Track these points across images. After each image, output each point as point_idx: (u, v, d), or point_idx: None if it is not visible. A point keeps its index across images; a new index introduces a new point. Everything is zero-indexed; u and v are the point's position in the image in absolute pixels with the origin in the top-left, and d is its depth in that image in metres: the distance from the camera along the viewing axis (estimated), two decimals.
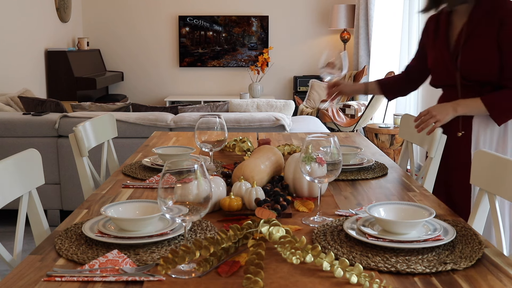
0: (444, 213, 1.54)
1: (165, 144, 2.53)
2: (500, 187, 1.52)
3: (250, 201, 1.51)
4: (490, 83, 1.99)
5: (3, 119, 3.70)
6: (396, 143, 4.92)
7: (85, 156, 2.18)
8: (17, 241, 1.48)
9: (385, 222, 1.30)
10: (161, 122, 3.73)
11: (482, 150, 1.64)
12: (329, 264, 1.12)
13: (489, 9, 1.99)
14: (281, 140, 2.65)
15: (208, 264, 1.13)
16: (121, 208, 1.39)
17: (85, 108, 4.05)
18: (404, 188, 1.82)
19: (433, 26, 2.19)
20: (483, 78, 1.99)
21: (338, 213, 1.53)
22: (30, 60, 5.65)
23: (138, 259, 1.20)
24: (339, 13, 6.80)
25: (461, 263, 1.16)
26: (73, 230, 1.37)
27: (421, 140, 2.17)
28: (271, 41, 7.25)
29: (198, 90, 7.42)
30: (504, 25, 1.95)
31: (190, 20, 7.21)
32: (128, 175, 1.95)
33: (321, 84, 6.53)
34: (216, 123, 1.94)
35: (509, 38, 1.94)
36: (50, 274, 1.12)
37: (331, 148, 1.42)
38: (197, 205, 1.14)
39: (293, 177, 1.66)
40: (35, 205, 1.60)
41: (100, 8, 7.24)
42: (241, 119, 3.72)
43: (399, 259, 1.19)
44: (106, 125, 2.47)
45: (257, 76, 7.18)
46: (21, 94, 4.45)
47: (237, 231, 1.22)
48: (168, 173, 1.13)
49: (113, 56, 7.33)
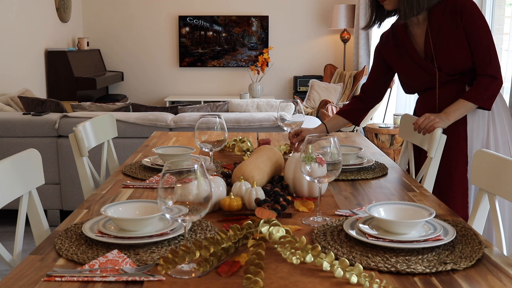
0: (444, 213, 1.54)
1: (165, 144, 2.53)
2: (500, 187, 1.52)
3: (250, 201, 1.51)
4: (471, 70, 2.09)
5: (3, 119, 3.70)
6: (396, 143, 4.92)
7: (85, 156, 2.18)
8: (17, 241, 1.48)
9: (385, 222, 1.30)
10: (161, 122, 3.73)
11: (482, 150, 1.64)
12: (329, 264, 1.12)
13: (446, 8, 2.06)
14: (281, 140, 2.65)
15: (208, 264, 1.13)
16: (121, 208, 1.39)
17: (85, 108, 4.05)
18: (404, 188, 1.82)
19: (391, 41, 2.23)
20: (463, 69, 2.08)
21: (338, 213, 1.53)
22: (30, 60, 5.65)
23: (138, 259, 1.19)
24: (339, 13, 6.80)
25: (461, 263, 1.16)
26: (73, 230, 1.37)
27: (421, 140, 2.17)
28: (271, 41, 7.25)
29: (198, 90, 7.42)
30: (463, 16, 2.03)
31: (190, 20, 7.21)
32: (128, 175, 1.95)
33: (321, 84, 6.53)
34: (216, 123, 1.94)
35: (470, 26, 2.03)
36: (50, 274, 1.12)
37: (331, 148, 1.42)
38: (197, 205, 1.14)
39: (293, 177, 1.66)
40: (35, 205, 1.60)
41: (100, 8, 7.24)
42: (241, 119, 3.72)
43: (399, 259, 1.19)
44: (106, 125, 2.47)
45: (257, 76, 7.18)
46: (21, 94, 4.45)
47: (237, 231, 1.22)
48: (168, 173, 1.13)
49: (113, 56, 7.33)
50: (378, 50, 2.30)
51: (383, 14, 2.19)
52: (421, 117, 2.06)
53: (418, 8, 2.04)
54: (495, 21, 4.54)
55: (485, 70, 2.04)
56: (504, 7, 4.51)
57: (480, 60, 2.05)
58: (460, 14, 2.03)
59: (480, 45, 2.04)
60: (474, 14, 2.03)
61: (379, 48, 2.29)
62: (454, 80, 2.11)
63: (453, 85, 2.12)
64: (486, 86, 2.04)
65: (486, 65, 2.04)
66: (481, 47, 2.04)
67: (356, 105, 2.36)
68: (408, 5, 2.04)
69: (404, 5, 2.04)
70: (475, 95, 2.05)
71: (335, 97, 6.38)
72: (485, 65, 2.04)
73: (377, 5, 2.17)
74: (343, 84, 6.55)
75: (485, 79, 2.05)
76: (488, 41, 2.05)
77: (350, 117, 2.35)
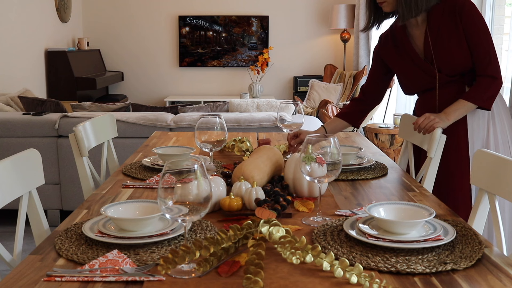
0: (444, 213, 1.54)
1: (165, 144, 2.53)
2: (500, 187, 1.52)
3: (250, 201, 1.51)
4: (471, 70, 2.09)
5: (3, 119, 3.70)
6: (396, 143, 4.92)
7: (85, 156, 2.18)
8: (17, 241, 1.48)
9: (385, 222, 1.30)
10: (161, 122, 3.73)
11: (482, 150, 1.64)
12: (329, 264, 1.12)
13: (444, 8, 2.06)
14: (281, 140, 2.65)
15: (208, 264, 1.13)
16: (121, 208, 1.39)
17: (85, 108, 4.05)
18: (404, 188, 1.82)
19: (390, 43, 2.23)
20: (463, 69, 2.09)
21: (338, 213, 1.53)
22: (30, 60, 5.65)
23: (138, 259, 1.19)
24: (339, 13, 6.80)
25: (461, 263, 1.16)
26: (73, 230, 1.37)
27: (421, 140, 2.17)
28: (271, 41, 7.25)
29: (198, 90, 7.42)
30: (463, 17, 2.03)
31: (190, 20, 7.21)
32: (128, 175, 1.95)
33: (321, 84, 6.53)
34: (216, 123, 1.94)
35: (470, 27, 2.03)
36: (50, 274, 1.12)
37: (331, 148, 1.42)
38: (197, 205, 1.14)
39: (293, 177, 1.66)
40: (35, 205, 1.60)
41: (100, 8, 7.24)
42: (241, 119, 3.72)
43: (399, 259, 1.19)
44: (106, 125, 2.47)
45: (257, 76, 7.18)
46: (21, 94, 4.45)
47: (237, 231, 1.22)
48: (168, 173, 1.13)
49: (113, 56, 7.33)
50: (377, 51, 2.30)
51: (382, 15, 2.19)
52: (421, 116, 2.07)
53: (416, 10, 2.04)
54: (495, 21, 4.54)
55: (485, 70, 2.04)
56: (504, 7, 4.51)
57: (480, 60, 2.05)
58: (459, 14, 2.04)
59: (479, 46, 2.04)
60: (473, 14, 2.04)
61: (378, 49, 2.29)
62: (454, 81, 2.11)
63: (453, 86, 2.12)
64: (486, 86, 2.04)
65: (486, 66, 2.04)
66: (480, 48, 2.04)
67: (355, 107, 2.35)
68: (407, 7, 2.03)
69: (402, 6, 2.04)
70: (475, 95, 2.05)
71: (335, 97, 6.38)
72: (485, 65, 2.04)
73: (376, 7, 2.17)
74: (343, 84, 6.55)
75: (485, 80, 2.05)
76: (488, 41, 2.05)
77: (350, 120, 2.34)
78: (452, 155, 2.13)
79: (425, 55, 2.14)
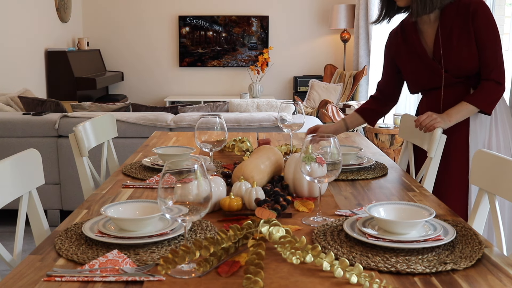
0: (444, 213, 1.54)
1: (165, 144, 2.53)
2: (500, 187, 1.52)
3: (250, 201, 1.51)
4: (477, 73, 2.07)
5: (3, 119, 3.70)
6: (396, 143, 4.92)
7: (85, 156, 2.18)
8: (17, 241, 1.48)
9: (385, 222, 1.30)
10: (161, 122, 3.73)
11: (482, 150, 1.64)
12: (329, 264, 1.12)
13: (458, 8, 2.05)
14: (281, 140, 2.65)
15: (208, 264, 1.13)
16: (121, 208, 1.39)
17: (85, 108, 4.05)
18: (404, 188, 1.82)
19: (400, 39, 2.22)
20: (470, 72, 2.07)
21: (338, 213, 1.53)
22: (30, 60, 5.65)
23: (138, 259, 1.19)
24: (339, 13, 6.80)
25: (461, 263, 1.16)
26: (73, 230, 1.37)
27: (421, 140, 2.17)
28: (271, 41, 7.25)
29: (198, 90, 7.42)
30: (475, 19, 2.02)
31: (190, 20, 7.21)
32: (128, 175, 1.95)
33: (321, 84, 6.52)
34: (216, 123, 1.94)
35: (480, 30, 2.02)
36: (50, 274, 1.12)
37: (331, 148, 1.42)
38: (197, 205, 1.14)
39: (293, 177, 1.66)
40: (35, 205, 1.60)
41: (100, 8, 7.24)
42: (241, 119, 3.72)
43: (399, 259, 1.19)
44: (106, 125, 2.47)
45: (257, 76, 7.18)
46: (21, 94, 4.45)
47: (237, 231, 1.22)
48: (168, 173, 1.13)
49: (113, 56, 7.33)
50: (388, 48, 2.29)
51: (393, 10, 2.17)
52: (424, 114, 2.06)
53: (431, 6, 2.02)
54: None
55: (490, 74, 2.03)
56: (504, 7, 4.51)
57: (486, 64, 2.03)
58: (472, 16, 2.02)
59: (487, 50, 2.02)
60: (485, 18, 2.02)
61: (389, 46, 2.28)
62: (460, 82, 2.10)
63: (458, 87, 2.11)
64: (489, 90, 2.03)
65: (491, 70, 2.02)
66: (488, 51, 2.02)
67: (373, 105, 2.36)
68: (421, 3, 2.02)
69: (417, 2, 2.02)
70: (478, 98, 2.04)
71: (335, 97, 6.38)
72: (491, 69, 2.03)
73: (388, 1, 2.16)
74: (343, 84, 6.55)
75: (489, 84, 2.03)
76: (496, 46, 2.04)
77: (367, 116, 2.34)
78: (452, 155, 2.13)
79: (433, 54, 2.12)
